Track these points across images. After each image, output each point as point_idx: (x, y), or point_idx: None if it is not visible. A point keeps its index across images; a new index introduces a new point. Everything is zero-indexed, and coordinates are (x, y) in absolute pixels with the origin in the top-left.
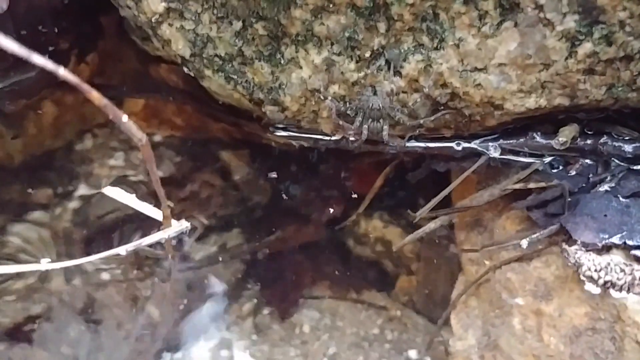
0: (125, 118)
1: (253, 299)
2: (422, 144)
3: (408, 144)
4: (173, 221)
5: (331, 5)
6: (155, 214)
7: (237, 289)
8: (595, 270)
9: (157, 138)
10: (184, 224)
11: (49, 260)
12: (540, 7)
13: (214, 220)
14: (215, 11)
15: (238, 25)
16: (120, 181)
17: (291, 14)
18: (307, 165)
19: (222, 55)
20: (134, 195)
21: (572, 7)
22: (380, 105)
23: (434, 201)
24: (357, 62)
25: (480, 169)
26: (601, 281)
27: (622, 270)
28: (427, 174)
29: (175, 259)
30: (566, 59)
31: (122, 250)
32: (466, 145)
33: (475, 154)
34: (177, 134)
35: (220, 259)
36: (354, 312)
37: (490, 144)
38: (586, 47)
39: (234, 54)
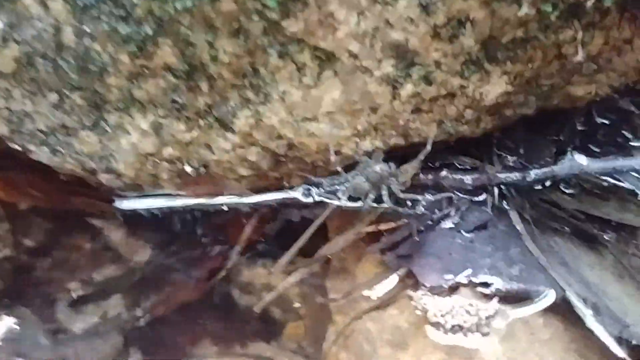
0: None
1: None
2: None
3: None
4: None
5: (146, 70)
6: None
7: None
8: (441, 315)
9: (23, 206)
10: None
11: None
12: (355, 56)
13: (91, 288)
14: (25, 86)
15: (53, 97)
16: None
17: (106, 81)
18: (181, 222)
19: (43, 129)
20: None
21: (385, 52)
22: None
23: (286, 256)
24: (186, 122)
25: (334, 214)
26: (448, 325)
27: (467, 312)
28: (285, 224)
29: None
30: (391, 101)
31: None
32: (313, 192)
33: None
34: (40, 204)
35: (100, 330)
36: None
37: (337, 187)
38: (408, 88)
39: (55, 126)
